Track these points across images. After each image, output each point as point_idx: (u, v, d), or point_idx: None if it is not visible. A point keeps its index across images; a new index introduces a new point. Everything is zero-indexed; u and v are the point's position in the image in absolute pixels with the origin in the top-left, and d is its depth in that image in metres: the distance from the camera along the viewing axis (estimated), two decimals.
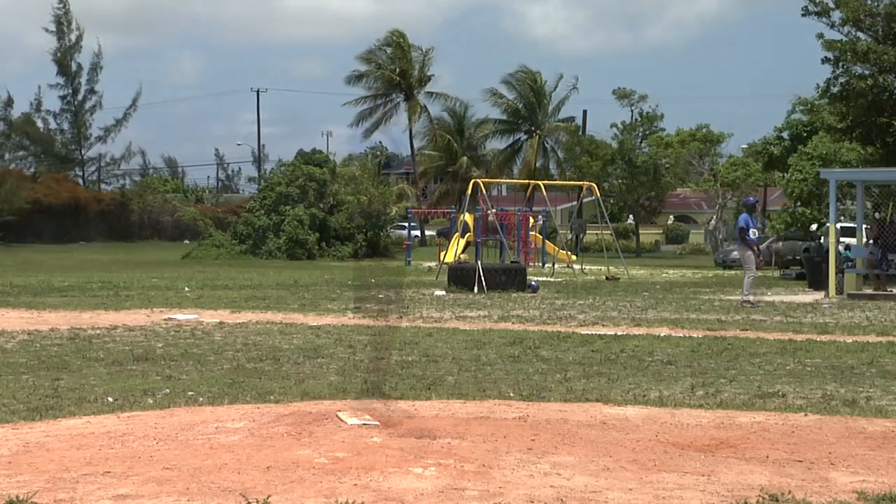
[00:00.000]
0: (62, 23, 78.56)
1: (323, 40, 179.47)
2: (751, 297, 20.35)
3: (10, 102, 79.51)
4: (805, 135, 43.22)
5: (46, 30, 79.46)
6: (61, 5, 78.50)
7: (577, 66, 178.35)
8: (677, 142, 57.70)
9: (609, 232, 41.25)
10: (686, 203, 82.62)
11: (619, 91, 63.41)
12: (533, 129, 67.77)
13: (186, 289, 23.48)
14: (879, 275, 23.73)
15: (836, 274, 23.28)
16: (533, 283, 24.29)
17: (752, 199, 23.47)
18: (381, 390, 8.93)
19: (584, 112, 67.13)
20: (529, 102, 67.63)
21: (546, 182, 42.46)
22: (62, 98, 79.52)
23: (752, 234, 21.07)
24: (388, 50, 67.17)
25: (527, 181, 51.63)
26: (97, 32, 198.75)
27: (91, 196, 71.60)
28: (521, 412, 7.69)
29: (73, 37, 79.03)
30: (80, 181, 79.16)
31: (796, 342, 13.08)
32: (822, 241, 34.99)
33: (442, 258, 33.65)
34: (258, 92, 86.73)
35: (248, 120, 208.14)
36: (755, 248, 21.06)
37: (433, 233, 64.87)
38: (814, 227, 41.34)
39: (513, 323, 15.80)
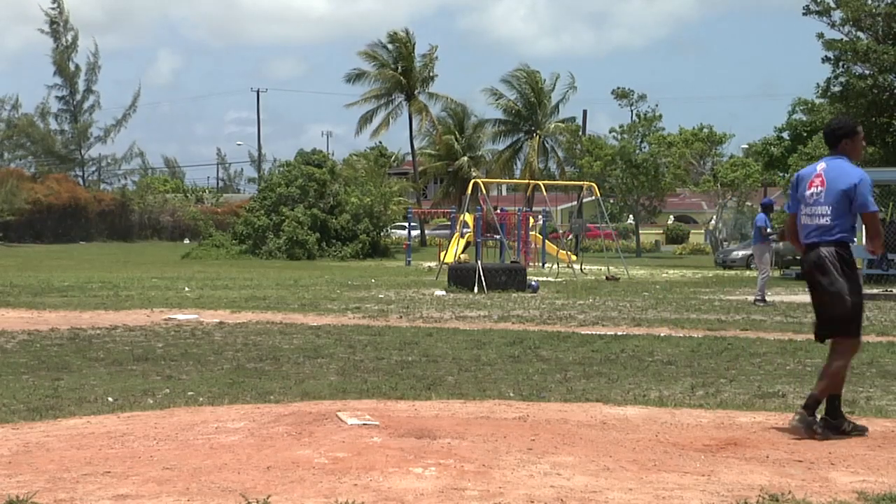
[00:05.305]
0: (56, 23, 78.64)
1: (320, 41, 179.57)
2: (766, 297, 20.42)
3: (16, 105, 79.73)
4: (805, 135, 43.21)
5: (41, 31, 79.76)
6: (55, 6, 78.58)
7: (576, 66, 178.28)
8: (680, 141, 57.66)
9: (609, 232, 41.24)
10: (686, 203, 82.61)
11: (618, 91, 63.46)
12: (533, 129, 67.75)
13: (186, 289, 23.48)
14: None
15: None
16: (533, 283, 24.29)
17: (770, 199, 23.56)
18: (381, 390, 8.93)
19: (584, 112, 67.20)
20: (529, 102, 67.58)
21: (546, 182, 42.48)
22: (60, 98, 79.69)
23: (769, 233, 21.16)
24: (390, 48, 67.04)
25: (527, 181, 51.66)
26: (86, 33, 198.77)
27: (91, 196, 71.64)
28: (521, 412, 7.69)
29: (69, 37, 79.15)
30: (81, 181, 79.22)
31: (796, 342, 13.07)
32: None
33: (442, 258, 33.66)
34: (258, 92, 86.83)
35: (246, 120, 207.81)
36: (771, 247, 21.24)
37: (436, 231, 64.83)
38: None
39: (513, 323, 15.80)
